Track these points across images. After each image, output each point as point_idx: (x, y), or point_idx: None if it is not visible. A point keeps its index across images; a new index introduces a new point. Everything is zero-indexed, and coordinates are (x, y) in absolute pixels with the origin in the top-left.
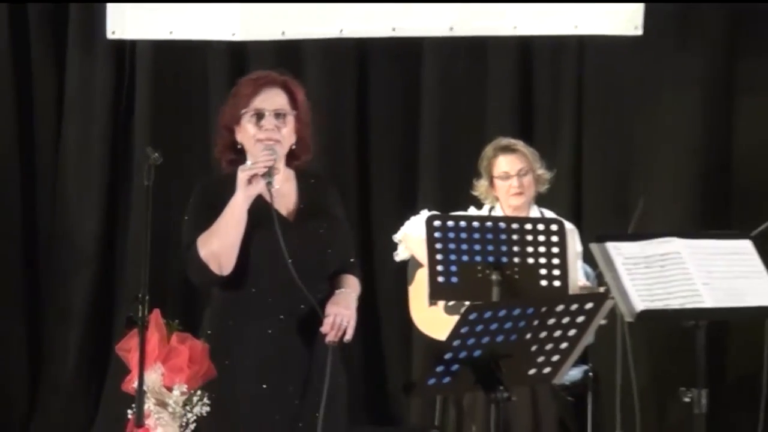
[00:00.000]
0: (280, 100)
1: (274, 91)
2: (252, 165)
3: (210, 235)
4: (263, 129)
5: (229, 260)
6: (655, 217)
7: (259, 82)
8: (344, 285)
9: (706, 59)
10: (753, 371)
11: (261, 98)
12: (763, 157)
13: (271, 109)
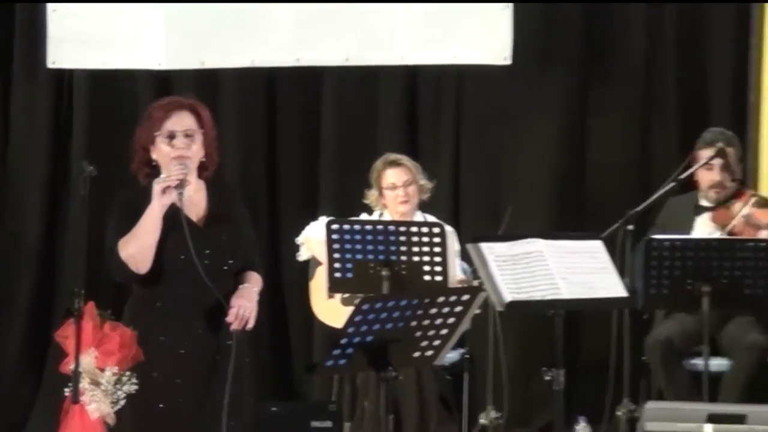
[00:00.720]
0: (189, 122)
1: (182, 114)
2: (165, 178)
3: (129, 239)
4: (176, 147)
5: (145, 261)
6: (521, 221)
7: (170, 106)
8: (247, 281)
9: (564, 86)
10: (603, 353)
11: (172, 121)
12: (611, 170)
13: (181, 130)
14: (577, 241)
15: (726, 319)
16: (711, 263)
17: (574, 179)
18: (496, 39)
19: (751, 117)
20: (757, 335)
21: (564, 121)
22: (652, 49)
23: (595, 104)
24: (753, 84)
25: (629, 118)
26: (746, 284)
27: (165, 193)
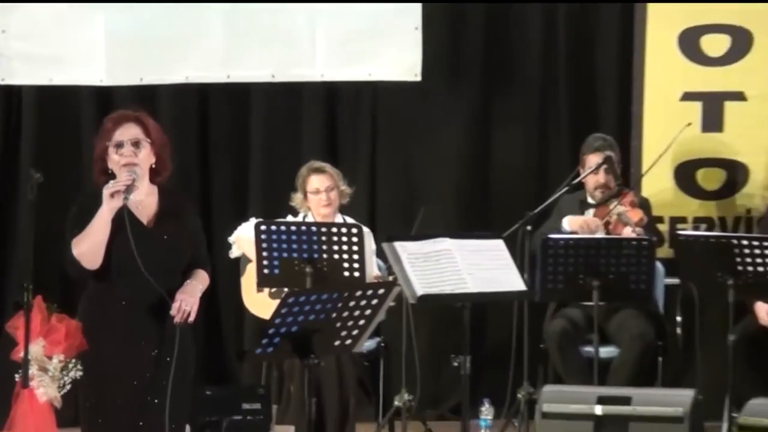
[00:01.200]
0: (135, 132)
1: (129, 125)
2: (114, 183)
3: (81, 238)
4: (123, 156)
5: (95, 258)
6: (431, 223)
7: (118, 119)
8: (194, 277)
9: (469, 100)
10: (505, 341)
11: (119, 132)
12: (512, 175)
13: (128, 140)
14: (481, 240)
15: (614, 311)
16: (600, 260)
17: (479, 184)
18: (407, 57)
19: (635, 126)
20: (641, 325)
21: (469, 132)
22: (547, 67)
23: (497, 116)
24: (636, 97)
25: (527, 128)
26: (631, 279)
27: (113, 198)
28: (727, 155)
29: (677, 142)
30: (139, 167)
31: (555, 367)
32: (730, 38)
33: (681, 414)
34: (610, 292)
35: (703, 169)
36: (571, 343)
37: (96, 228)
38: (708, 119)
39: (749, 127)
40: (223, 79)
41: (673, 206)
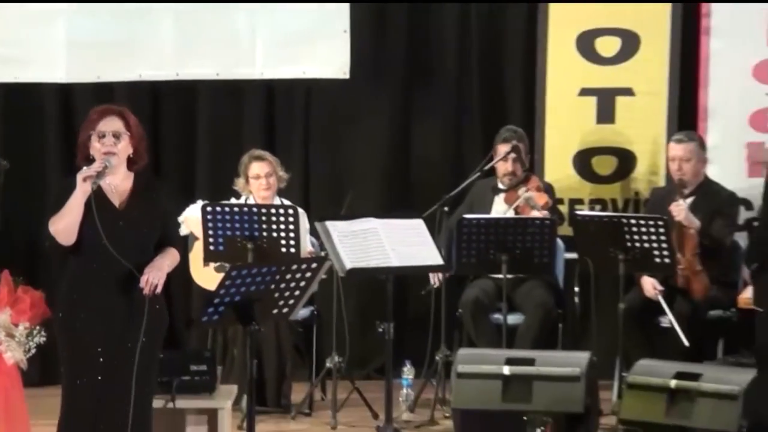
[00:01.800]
0: (117, 124)
1: (112, 118)
2: (87, 169)
3: (57, 218)
4: (105, 144)
5: (69, 235)
6: (359, 205)
7: (103, 112)
8: (163, 254)
9: (392, 96)
10: (424, 310)
11: (103, 123)
12: (431, 162)
13: (110, 131)
14: (403, 220)
15: (520, 282)
16: (507, 237)
17: (401, 170)
18: (337, 57)
19: (539, 118)
20: (543, 295)
21: (392, 124)
22: (461, 64)
23: (417, 109)
24: (539, 92)
25: (444, 120)
26: (535, 254)
27: (86, 182)
28: (619, 144)
29: (576, 133)
30: (116, 156)
31: (468, 332)
32: (620, 40)
33: (578, 373)
34: (517, 265)
35: (598, 157)
36: (483, 311)
37: (69, 208)
38: (602, 112)
39: (637, 119)
40: (173, 77)
41: (572, 190)
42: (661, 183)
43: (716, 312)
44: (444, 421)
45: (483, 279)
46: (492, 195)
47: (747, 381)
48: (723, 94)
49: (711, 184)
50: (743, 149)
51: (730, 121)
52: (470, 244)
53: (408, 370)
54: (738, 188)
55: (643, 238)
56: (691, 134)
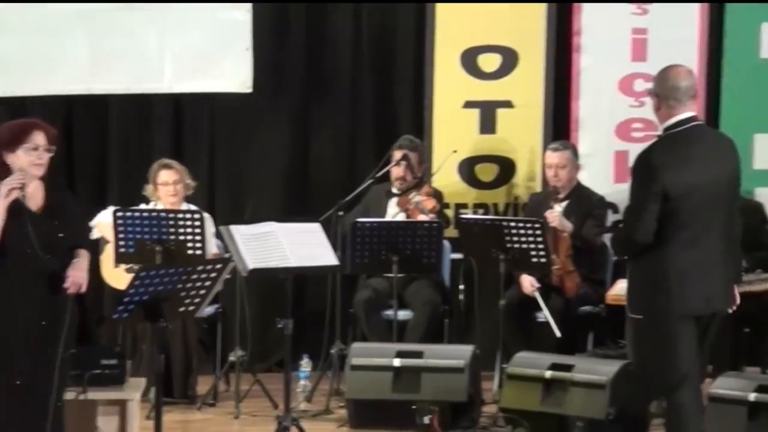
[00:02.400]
0: (45, 139)
1: (41, 133)
2: (10, 181)
3: None
4: (37, 157)
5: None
6: (261, 210)
7: (34, 126)
8: (80, 256)
9: (292, 109)
10: (321, 307)
11: (36, 136)
12: (327, 171)
13: (42, 144)
14: (301, 224)
15: (410, 281)
16: (398, 239)
17: (300, 178)
18: (240, 73)
19: (426, 129)
20: (431, 293)
21: (292, 134)
22: (355, 77)
23: (315, 120)
24: (427, 105)
25: (340, 131)
26: (423, 255)
27: (11, 193)
28: (499, 153)
29: (460, 142)
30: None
31: (362, 328)
32: (500, 57)
33: (462, 365)
34: (407, 265)
35: (480, 164)
36: (375, 308)
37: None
38: (484, 123)
39: (516, 129)
40: (84, 91)
41: (457, 195)
42: (538, 188)
43: (586, 308)
44: (339, 411)
45: (375, 278)
46: (386, 199)
47: (614, 372)
48: (592, 106)
49: (583, 189)
50: (611, 157)
51: (599, 131)
52: (363, 245)
53: (306, 363)
54: (606, 193)
55: (522, 239)
56: (565, 143)
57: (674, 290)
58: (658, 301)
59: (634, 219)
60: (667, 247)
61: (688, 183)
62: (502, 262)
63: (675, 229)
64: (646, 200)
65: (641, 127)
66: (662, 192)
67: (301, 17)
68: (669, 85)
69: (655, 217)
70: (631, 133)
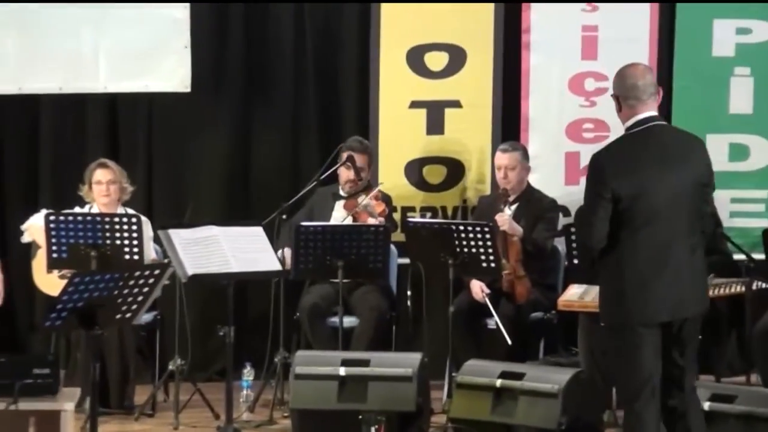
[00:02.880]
0: None
1: None
2: None
3: None
4: None
5: None
6: (201, 213)
7: None
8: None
9: (233, 109)
10: (265, 314)
11: None
12: (270, 173)
13: None
14: (243, 228)
15: (356, 287)
16: (343, 244)
17: (241, 179)
18: (178, 72)
19: (372, 130)
20: (377, 299)
21: (232, 134)
22: (297, 78)
23: (257, 120)
24: (372, 105)
25: (282, 130)
26: (370, 260)
27: None
28: (448, 154)
29: (407, 144)
30: None
31: (306, 335)
32: (448, 55)
33: (410, 374)
34: (353, 270)
35: (428, 166)
36: (320, 314)
37: None
38: (432, 124)
39: (465, 130)
40: (15, 91)
41: (405, 198)
42: (488, 191)
43: (538, 314)
44: (282, 421)
45: (320, 284)
46: (332, 202)
47: (566, 380)
48: (542, 106)
49: (533, 192)
50: (561, 158)
51: (549, 131)
52: (307, 250)
53: (248, 372)
54: (557, 195)
55: (471, 243)
56: (515, 144)
57: (631, 296)
58: (616, 307)
59: (586, 223)
60: (624, 251)
61: (641, 184)
62: (451, 267)
63: (630, 233)
64: (596, 204)
65: (592, 128)
66: (612, 194)
67: (240, 15)
68: (627, 84)
69: (605, 221)
70: (582, 134)
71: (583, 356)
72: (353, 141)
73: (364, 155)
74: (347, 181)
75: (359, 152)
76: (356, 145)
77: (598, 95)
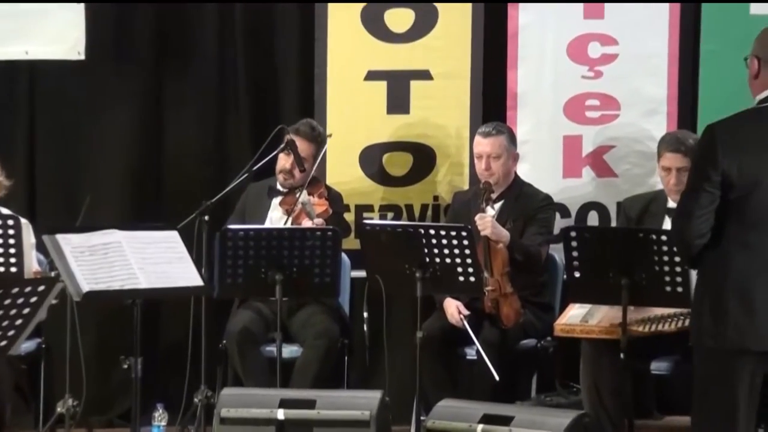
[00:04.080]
0: None
1: None
2: None
3: None
4: None
5: None
6: (99, 212)
7: None
8: None
9: (139, 81)
10: (181, 341)
11: None
12: (187, 161)
13: None
14: (154, 232)
15: (298, 307)
16: (283, 252)
17: (151, 170)
18: (69, 35)
19: (319, 107)
20: (325, 322)
21: (140, 114)
22: (223, 43)
23: (171, 99)
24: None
25: (204, 109)
26: (315, 273)
27: None
28: (414, 138)
29: (362, 126)
30: None
31: (235, 368)
32: (414, 13)
33: (367, 417)
34: (294, 286)
35: (390, 154)
36: (253, 342)
37: None
38: (394, 100)
39: (436, 108)
40: None
41: (360, 194)
42: (465, 185)
43: (530, 341)
44: None
45: (252, 303)
46: (268, 199)
47: (565, 425)
48: (534, 77)
49: (523, 186)
50: (559, 144)
51: (543, 109)
52: (236, 260)
53: (160, 415)
54: (553, 191)
55: (444, 252)
56: (500, 126)
57: (732, 314)
58: (710, 325)
59: (685, 212)
60: (729, 254)
61: (761, 171)
62: (420, 282)
63: (738, 231)
64: (699, 187)
65: (597, 105)
66: (722, 177)
67: None
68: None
69: (709, 211)
70: (584, 113)
71: (587, 395)
72: (302, 124)
73: (311, 144)
74: (281, 171)
75: (305, 139)
76: (305, 129)
77: (606, 63)
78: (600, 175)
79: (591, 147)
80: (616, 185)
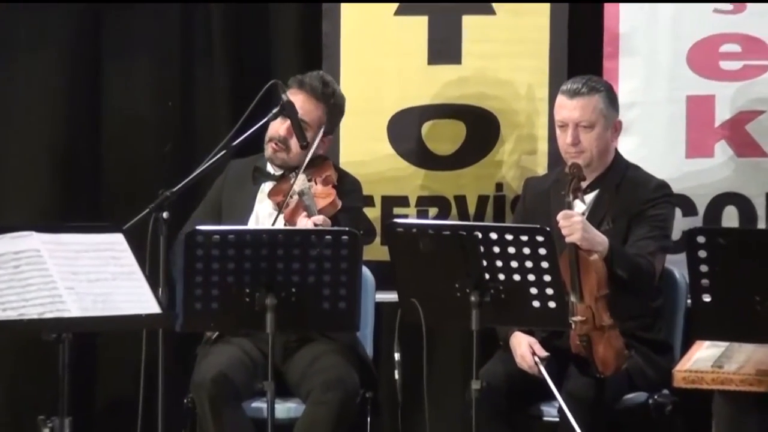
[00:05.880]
0: None
1: None
2: None
3: None
4: None
5: None
6: (10, 209)
7: None
8: None
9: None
10: (129, 391)
11: None
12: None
13: None
14: (89, 235)
15: (298, 345)
16: (276, 265)
17: (84, 149)
18: None
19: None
20: (339, 366)
21: (65, 70)
22: None
23: (113, 43)
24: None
25: (158, 62)
26: (323, 295)
27: None
28: (468, 100)
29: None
30: None
31: (206, 430)
32: None
33: None
34: (293, 315)
35: (432, 122)
36: (232, 395)
37: None
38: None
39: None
40: None
41: (388, 181)
42: (541, 169)
43: (638, 395)
44: None
45: (232, 339)
46: (254, 185)
47: None
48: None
49: (627, 169)
50: (682, 107)
51: (657, 58)
52: (208, 276)
53: None
54: (672, 177)
55: (512, 265)
56: (593, 82)
57: None
58: None
59: None
60: None
61: None
62: (476, 310)
63: None
64: None
65: (738, 52)
66: None
67: None
68: None
69: None
70: (718, 62)
71: None
72: (310, 76)
73: (318, 104)
74: (272, 139)
75: (312, 96)
76: (314, 83)
77: None
78: (741, 154)
79: (728, 113)
80: (765, 169)
